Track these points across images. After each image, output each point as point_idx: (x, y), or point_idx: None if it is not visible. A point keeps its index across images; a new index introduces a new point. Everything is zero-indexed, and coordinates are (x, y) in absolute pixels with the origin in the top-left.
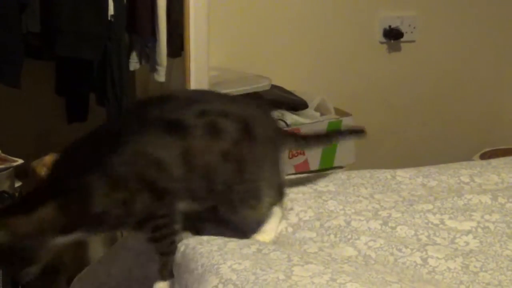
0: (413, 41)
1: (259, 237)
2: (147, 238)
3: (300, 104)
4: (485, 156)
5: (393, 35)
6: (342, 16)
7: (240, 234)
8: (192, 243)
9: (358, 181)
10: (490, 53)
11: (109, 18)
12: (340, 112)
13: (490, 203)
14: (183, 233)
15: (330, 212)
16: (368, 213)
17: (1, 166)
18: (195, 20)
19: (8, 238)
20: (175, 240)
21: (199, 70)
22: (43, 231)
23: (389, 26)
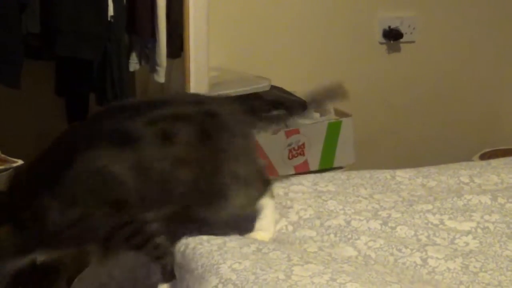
0: (413, 42)
1: (258, 235)
2: (126, 250)
3: (299, 104)
4: (484, 156)
5: (392, 35)
6: (342, 17)
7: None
8: (192, 243)
9: (358, 181)
10: (490, 53)
11: (109, 19)
12: (339, 113)
13: (489, 204)
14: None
15: (330, 212)
16: (367, 213)
17: (1, 167)
18: (194, 20)
19: None
20: (158, 242)
21: (199, 70)
22: None
23: (389, 27)
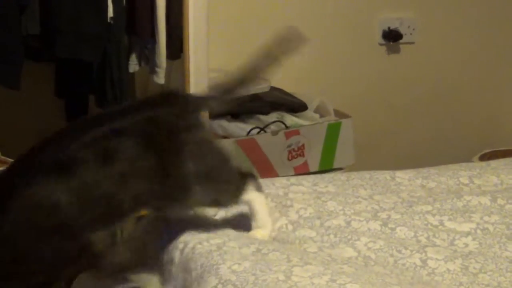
0: (413, 43)
1: (258, 234)
2: (97, 277)
3: (299, 105)
4: (484, 157)
5: (392, 36)
6: (342, 18)
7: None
8: (191, 242)
9: (357, 182)
10: (490, 54)
11: (108, 20)
12: (339, 114)
13: (489, 205)
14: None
15: (330, 212)
16: (367, 214)
17: (1, 168)
18: (194, 21)
19: None
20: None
21: (199, 72)
22: None
23: (389, 28)
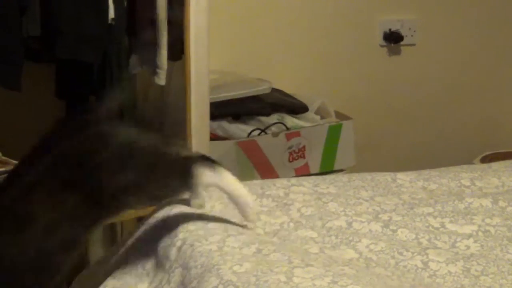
0: (413, 45)
1: (248, 224)
2: None
3: (300, 107)
4: (485, 159)
5: (393, 38)
6: (342, 20)
7: None
8: (190, 239)
9: (358, 183)
10: (490, 56)
11: (109, 21)
12: (340, 116)
13: (491, 207)
14: None
15: (331, 214)
16: (368, 216)
17: (2, 169)
18: (195, 23)
19: None
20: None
21: (199, 73)
22: None
23: (389, 30)
